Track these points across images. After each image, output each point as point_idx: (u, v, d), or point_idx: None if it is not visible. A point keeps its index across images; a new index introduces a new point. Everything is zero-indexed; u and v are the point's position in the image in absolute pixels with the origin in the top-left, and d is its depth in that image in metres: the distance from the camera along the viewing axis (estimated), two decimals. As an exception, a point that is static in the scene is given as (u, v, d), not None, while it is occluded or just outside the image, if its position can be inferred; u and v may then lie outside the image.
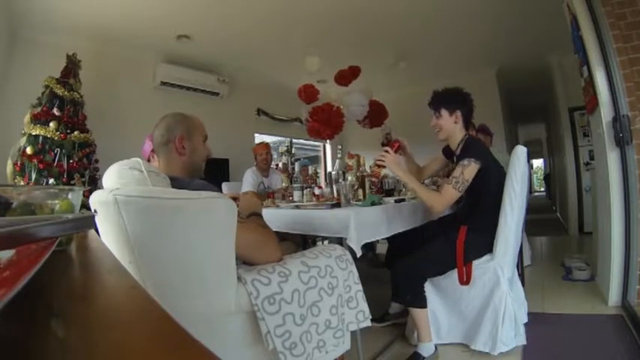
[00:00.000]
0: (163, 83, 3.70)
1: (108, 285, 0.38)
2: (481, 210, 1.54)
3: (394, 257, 1.80)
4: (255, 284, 0.87)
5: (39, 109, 2.49)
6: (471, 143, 1.58)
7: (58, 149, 2.46)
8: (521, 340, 1.46)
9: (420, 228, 1.81)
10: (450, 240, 1.51)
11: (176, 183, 0.97)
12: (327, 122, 2.91)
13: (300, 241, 2.08)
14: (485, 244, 1.52)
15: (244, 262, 0.99)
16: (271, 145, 3.37)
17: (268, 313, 0.86)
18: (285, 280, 0.92)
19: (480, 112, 1.72)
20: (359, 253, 1.32)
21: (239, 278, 0.88)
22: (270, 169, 3.14)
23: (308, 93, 3.04)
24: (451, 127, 1.61)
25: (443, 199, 1.48)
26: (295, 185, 1.98)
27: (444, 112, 1.61)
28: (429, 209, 1.54)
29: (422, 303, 1.47)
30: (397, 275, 1.50)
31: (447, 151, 1.78)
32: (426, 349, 1.44)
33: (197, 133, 1.15)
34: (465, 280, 1.47)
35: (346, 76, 3.11)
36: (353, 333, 1.10)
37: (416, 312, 1.46)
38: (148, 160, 1.87)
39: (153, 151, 1.89)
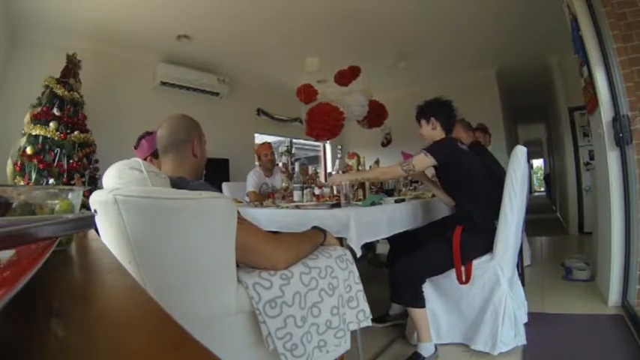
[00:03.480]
0: (163, 83, 3.70)
1: (108, 285, 0.38)
2: (470, 209, 1.56)
3: (396, 258, 1.80)
4: (257, 288, 0.86)
5: (39, 109, 2.49)
6: (438, 141, 1.67)
7: (58, 149, 2.46)
8: (521, 340, 1.46)
9: (421, 228, 1.82)
10: (447, 240, 1.52)
11: (174, 183, 0.97)
12: (323, 124, 2.87)
13: None
14: (482, 243, 1.53)
15: (244, 264, 0.98)
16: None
17: (269, 316, 0.86)
18: (287, 282, 0.91)
19: (480, 112, 1.73)
20: (359, 253, 1.32)
21: (240, 281, 0.88)
22: (275, 168, 3.12)
23: (307, 93, 3.03)
24: (430, 134, 1.73)
25: (387, 170, 1.73)
26: (295, 185, 1.97)
27: (423, 122, 1.74)
28: (376, 179, 1.84)
29: (420, 303, 1.47)
30: (395, 276, 1.51)
31: None
32: (425, 349, 1.44)
33: (203, 137, 1.19)
34: (465, 279, 1.47)
35: (346, 76, 3.10)
36: (353, 333, 1.10)
37: (415, 312, 1.46)
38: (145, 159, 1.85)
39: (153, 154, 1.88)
